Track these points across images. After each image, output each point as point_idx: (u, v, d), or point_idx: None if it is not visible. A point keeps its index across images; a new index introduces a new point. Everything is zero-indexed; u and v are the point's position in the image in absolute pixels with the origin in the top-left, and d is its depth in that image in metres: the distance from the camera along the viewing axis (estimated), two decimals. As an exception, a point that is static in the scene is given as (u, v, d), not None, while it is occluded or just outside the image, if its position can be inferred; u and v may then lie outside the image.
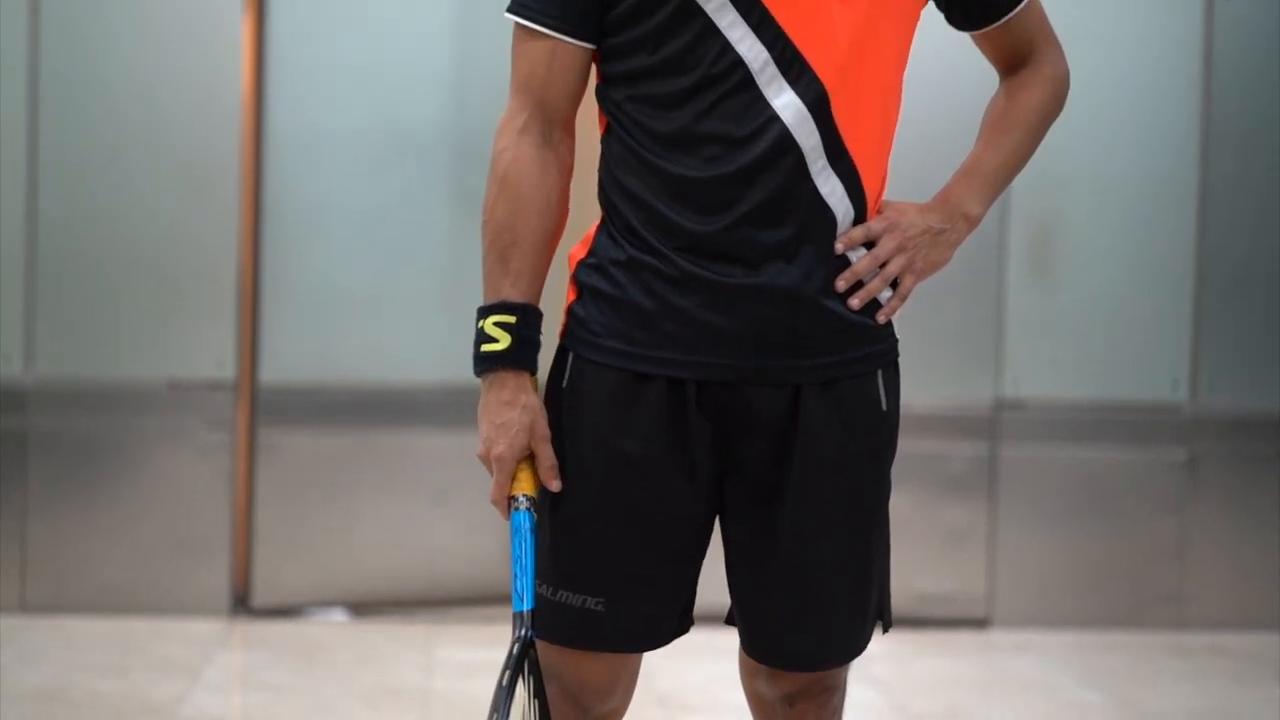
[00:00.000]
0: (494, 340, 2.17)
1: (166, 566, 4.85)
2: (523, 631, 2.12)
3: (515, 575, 2.14)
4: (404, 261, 4.96)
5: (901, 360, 2.25)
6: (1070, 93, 2.35)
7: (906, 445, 2.37)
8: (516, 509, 2.16)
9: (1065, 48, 2.32)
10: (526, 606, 2.13)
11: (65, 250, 4.78)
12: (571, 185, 2.23)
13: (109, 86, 4.77)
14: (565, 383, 2.21)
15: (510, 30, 2.21)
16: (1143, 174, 5.11)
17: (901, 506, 2.36)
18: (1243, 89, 5.12)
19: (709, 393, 2.16)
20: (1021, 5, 2.27)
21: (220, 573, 4.87)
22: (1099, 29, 5.00)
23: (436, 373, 4.92)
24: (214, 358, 4.83)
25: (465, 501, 4.89)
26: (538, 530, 2.17)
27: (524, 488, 2.17)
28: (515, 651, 2.11)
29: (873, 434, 2.20)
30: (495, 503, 2.20)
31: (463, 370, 2.22)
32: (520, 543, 2.14)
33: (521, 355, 2.17)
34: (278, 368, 4.89)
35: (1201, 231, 5.11)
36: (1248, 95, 5.12)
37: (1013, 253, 5.05)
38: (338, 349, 4.93)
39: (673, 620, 2.25)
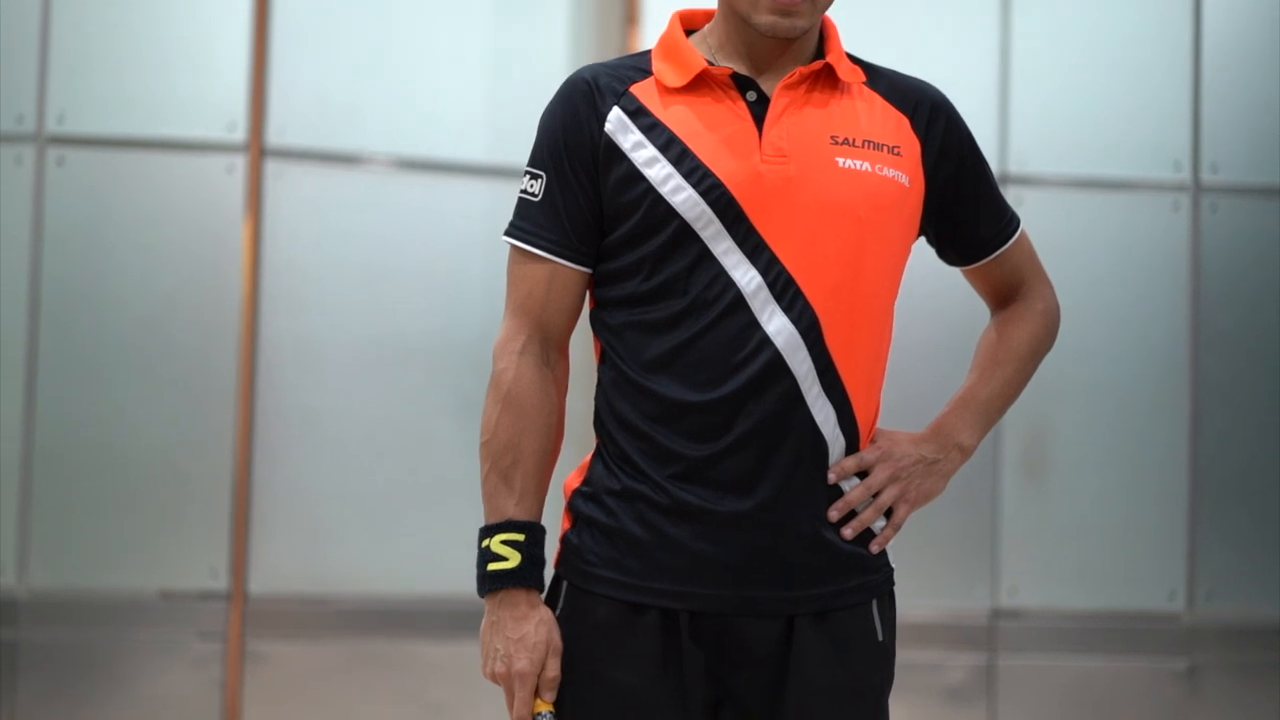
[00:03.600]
0: (503, 559, 2.16)
1: (155, 779, 4.79)
2: None
3: None
4: (399, 470, 4.96)
5: (898, 569, 2.24)
6: (1060, 300, 2.38)
7: (904, 655, 2.35)
8: None
9: (1055, 253, 2.36)
10: None
11: (61, 460, 4.78)
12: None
13: (108, 296, 4.81)
14: (559, 611, 2.20)
15: (504, 241, 2.25)
16: (1134, 381, 5.13)
17: (900, 718, 2.34)
18: (1231, 294, 5.16)
19: (702, 623, 2.15)
20: (1010, 242, 2.32)
21: (210, 786, 4.81)
22: (1087, 235, 5.06)
23: (431, 584, 4.89)
24: (207, 567, 4.81)
25: (458, 715, 4.84)
26: None
27: (544, 704, 2.16)
28: None
29: (868, 665, 2.19)
30: None
31: (458, 582, 2.21)
32: None
33: (532, 573, 2.18)
34: (270, 577, 4.86)
35: (1194, 438, 5.12)
36: (1236, 301, 5.17)
37: (1007, 461, 5.06)
38: (331, 558, 4.91)
39: None
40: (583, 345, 2.27)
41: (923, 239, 2.31)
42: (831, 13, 2.25)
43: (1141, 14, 5.18)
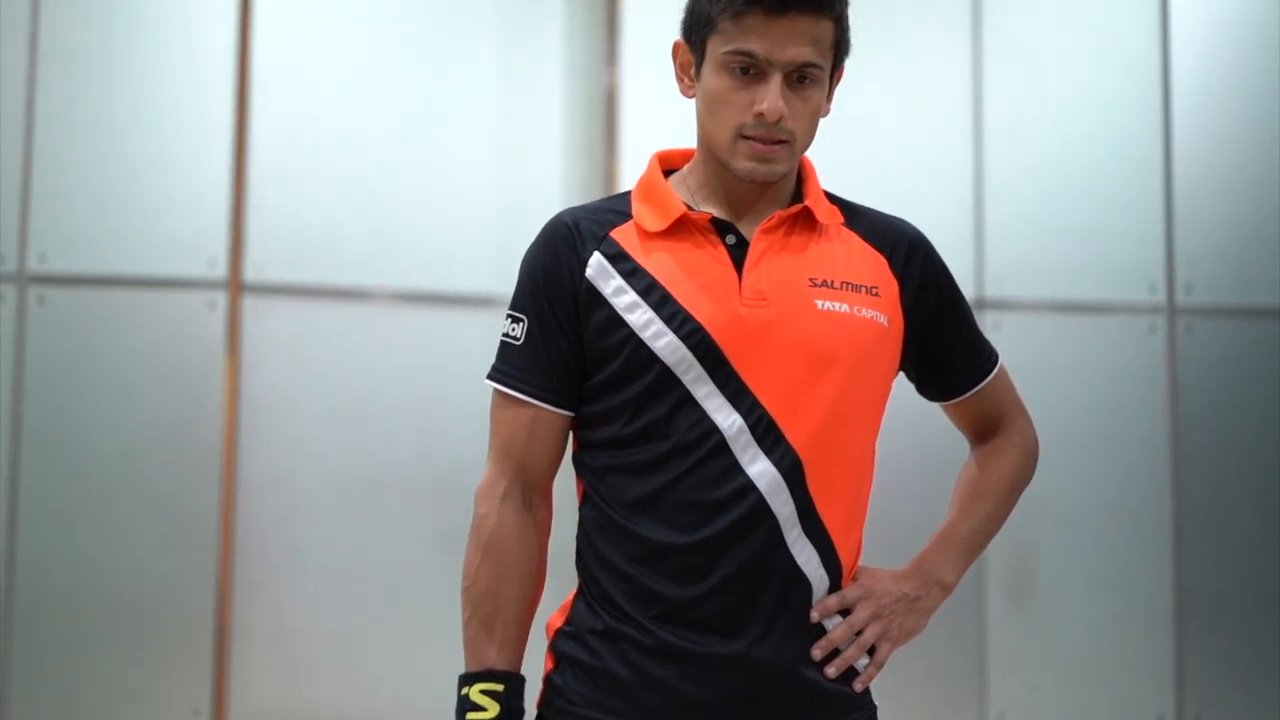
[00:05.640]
0: (482, 709, 2.16)
1: None
2: None
3: None
4: (380, 605, 4.94)
5: (885, 694, 2.24)
6: (1039, 422, 2.40)
7: (893, 786, 2.35)
8: None
9: (1032, 376, 2.38)
10: None
11: (42, 598, 4.75)
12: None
13: (90, 433, 4.80)
14: (543, 752, 2.21)
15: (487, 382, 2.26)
16: (1116, 503, 5.14)
17: None
18: (1210, 414, 5.18)
19: (687, 764, 2.15)
20: (989, 378, 2.34)
21: None
22: (1064, 358, 5.09)
23: (414, 717, 4.86)
24: (190, 707, 4.77)
25: None
26: None
27: None
28: None
29: (854, 805, 2.19)
30: None
31: (439, 714, 2.20)
32: None
33: None
34: (252, 716, 4.82)
35: (1178, 559, 5.12)
36: (1215, 421, 5.19)
37: (992, 585, 5.05)
38: (312, 696, 4.88)
39: None
40: (565, 483, 2.27)
41: (902, 375, 2.33)
42: (808, 149, 2.27)
43: (1113, 137, 5.24)
